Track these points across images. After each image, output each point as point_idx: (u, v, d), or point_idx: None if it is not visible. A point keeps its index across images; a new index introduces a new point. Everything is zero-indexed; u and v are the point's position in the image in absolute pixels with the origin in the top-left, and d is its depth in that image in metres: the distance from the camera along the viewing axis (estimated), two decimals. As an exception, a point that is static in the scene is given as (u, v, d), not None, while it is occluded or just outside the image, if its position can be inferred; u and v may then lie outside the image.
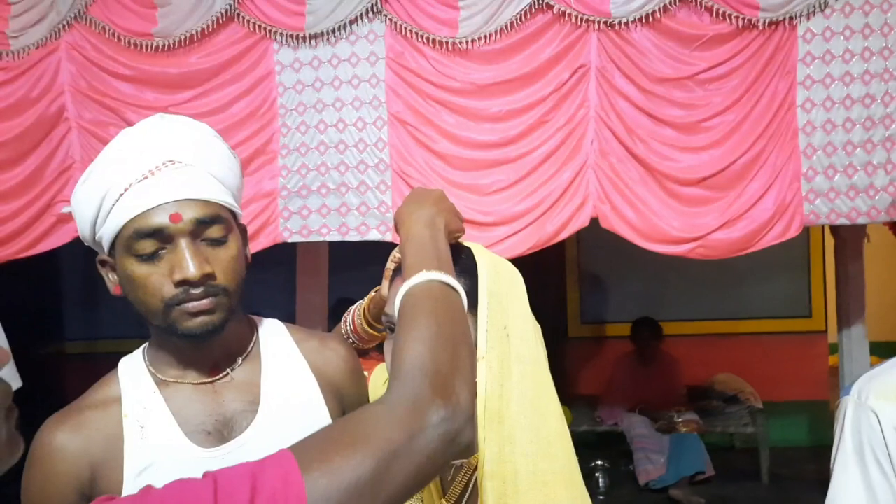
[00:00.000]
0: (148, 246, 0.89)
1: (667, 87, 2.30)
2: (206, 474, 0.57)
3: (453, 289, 0.76)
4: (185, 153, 0.93)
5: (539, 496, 0.80)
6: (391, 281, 0.93)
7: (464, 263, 0.89)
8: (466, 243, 0.94)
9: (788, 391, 4.48)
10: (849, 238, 3.05)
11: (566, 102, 2.32)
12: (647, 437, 4.09)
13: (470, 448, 0.66)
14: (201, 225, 0.91)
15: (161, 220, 0.89)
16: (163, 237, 0.89)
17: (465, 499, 0.86)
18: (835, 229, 3.15)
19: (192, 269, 0.88)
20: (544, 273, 4.69)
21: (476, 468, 0.85)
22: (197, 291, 0.90)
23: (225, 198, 0.95)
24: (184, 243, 0.90)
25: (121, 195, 0.89)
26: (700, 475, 4.03)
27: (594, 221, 2.36)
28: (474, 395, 0.67)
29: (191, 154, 0.94)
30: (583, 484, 0.87)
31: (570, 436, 0.87)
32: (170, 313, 0.90)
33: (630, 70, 2.29)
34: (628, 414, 4.24)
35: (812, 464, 4.04)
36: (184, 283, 0.89)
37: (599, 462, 4.07)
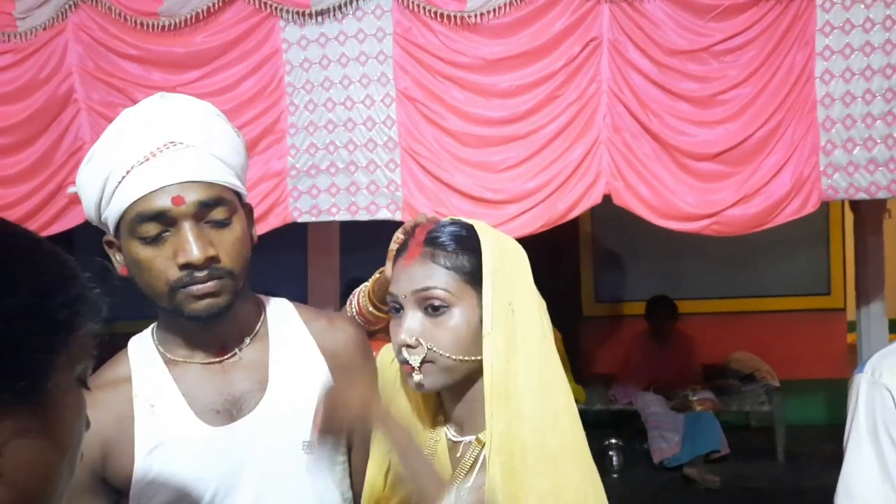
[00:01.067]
0: (151, 229, 0.89)
1: (681, 59, 2.25)
2: None
3: None
4: (186, 134, 0.92)
5: (548, 470, 0.80)
6: (394, 262, 0.92)
7: (467, 242, 0.88)
8: (470, 221, 0.94)
9: (806, 369, 4.45)
10: (868, 213, 2.99)
11: (577, 77, 2.28)
12: (662, 416, 4.09)
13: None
14: (204, 207, 0.90)
15: (163, 203, 0.88)
16: (165, 220, 0.89)
17: (473, 474, 0.87)
18: (854, 204, 3.08)
19: (195, 252, 0.88)
20: (558, 251, 4.67)
21: (484, 444, 0.84)
22: (201, 274, 0.89)
23: (228, 178, 0.94)
24: (187, 226, 0.89)
25: (123, 178, 0.89)
26: (715, 454, 4.03)
27: (607, 198, 2.32)
28: None
29: (193, 134, 0.93)
30: (591, 458, 0.88)
31: (577, 410, 0.87)
32: (175, 296, 0.90)
33: (643, 42, 2.24)
34: (643, 393, 4.24)
35: (829, 442, 4.00)
36: (187, 266, 0.89)
37: (614, 440, 4.08)
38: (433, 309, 0.86)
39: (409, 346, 0.87)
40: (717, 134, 2.27)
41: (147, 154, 0.89)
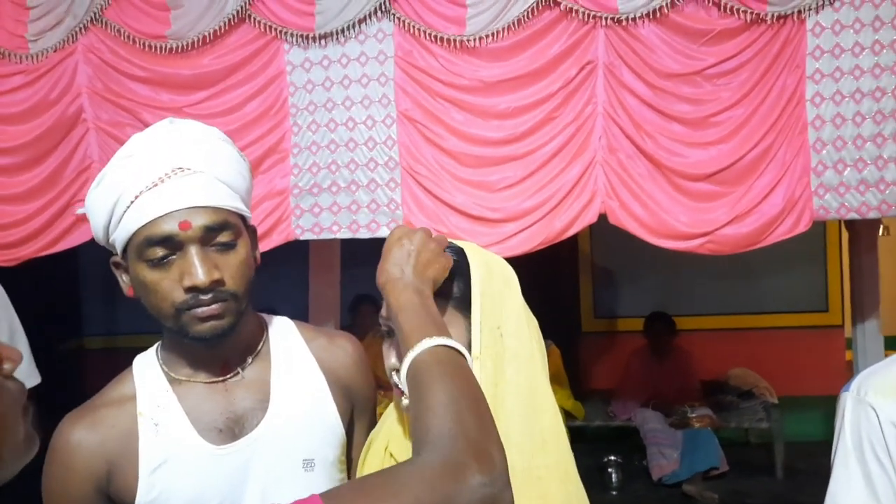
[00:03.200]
0: (158, 253, 0.91)
1: (675, 82, 2.30)
2: None
3: (458, 351, 0.76)
4: (193, 160, 0.95)
5: (533, 491, 0.81)
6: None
7: (457, 267, 0.89)
8: (459, 243, 0.95)
9: (805, 386, 4.45)
10: (863, 231, 3.03)
11: (574, 99, 2.33)
12: (661, 432, 4.09)
13: None
14: (210, 232, 0.93)
15: (171, 227, 0.91)
16: (172, 244, 0.91)
17: None
18: (849, 223, 3.12)
19: (200, 275, 0.90)
20: (557, 268, 4.70)
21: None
22: (206, 297, 0.92)
23: (233, 203, 0.96)
24: (193, 250, 0.92)
25: (132, 202, 0.91)
26: (714, 470, 4.02)
27: (605, 217, 2.37)
28: (506, 458, 0.67)
29: (199, 160, 0.95)
30: (578, 479, 0.88)
31: (565, 432, 0.88)
32: (180, 318, 0.93)
33: (638, 66, 2.30)
34: (642, 409, 4.25)
35: (828, 458, 3.97)
36: (193, 289, 0.91)
37: (612, 457, 4.08)
38: None
39: (397, 370, 0.87)
40: (711, 155, 2.32)
41: (155, 180, 0.92)
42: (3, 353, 0.57)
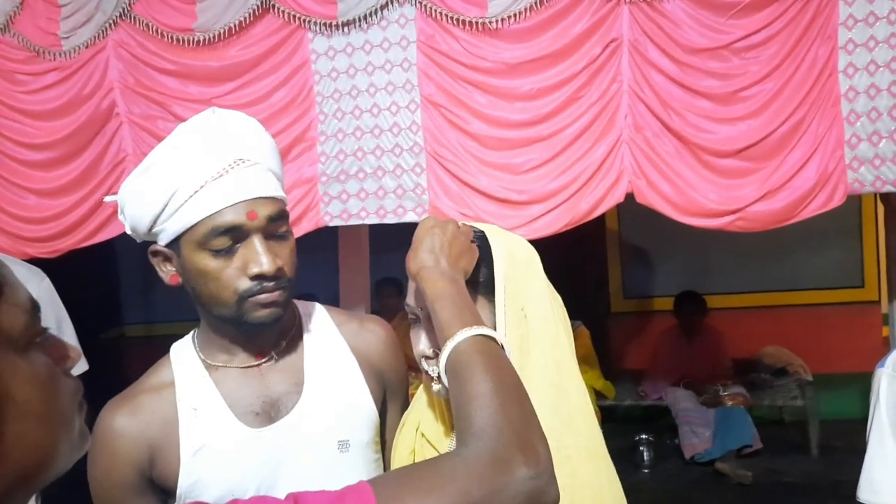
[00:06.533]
0: (223, 242, 0.94)
1: (702, 57, 2.26)
2: (288, 495, 0.60)
3: (496, 341, 0.77)
4: (250, 151, 0.97)
5: (563, 470, 0.81)
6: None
7: (479, 251, 0.89)
8: (480, 226, 0.95)
9: (841, 363, 4.38)
10: (899, 205, 2.95)
11: (598, 78, 2.31)
12: (692, 411, 4.08)
13: None
14: (272, 222, 0.96)
15: (238, 217, 0.93)
16: (238, 234, 0.94)
17: None
18: (884, 196, 3.04)
19: (267, 264, 0.94)
20: (585, 248, 4.68)
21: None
22: (270, 284, 0.95)
23: (283, 194, 1.00)
24: (257, 239, 0.95)
25: (195, 192, 0.93)
26: (747, 448, 4.00)
27: (633, 196, 2.35)
28: (549, 450, 0.68)
29: (255, 152, 0.98)
30: (607, 457, 0.89)
31: (593, 412, 0.89)
32: (242, 304, 0.95)
33: (664, 42, 2.26)
34: (672, 388, 4.23)
35: (864, 436, 3.95)
36: (259, 277, 0.94)
37: (644, 436, 4.08)
38: None
39: (427, 356, 0.90)
40: (740, 130, 2.28)
41: (220, 170, 0.94)
42: (66, 351, 0.60)
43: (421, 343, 0.91)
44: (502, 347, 0.77)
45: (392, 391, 1.14)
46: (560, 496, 0.66)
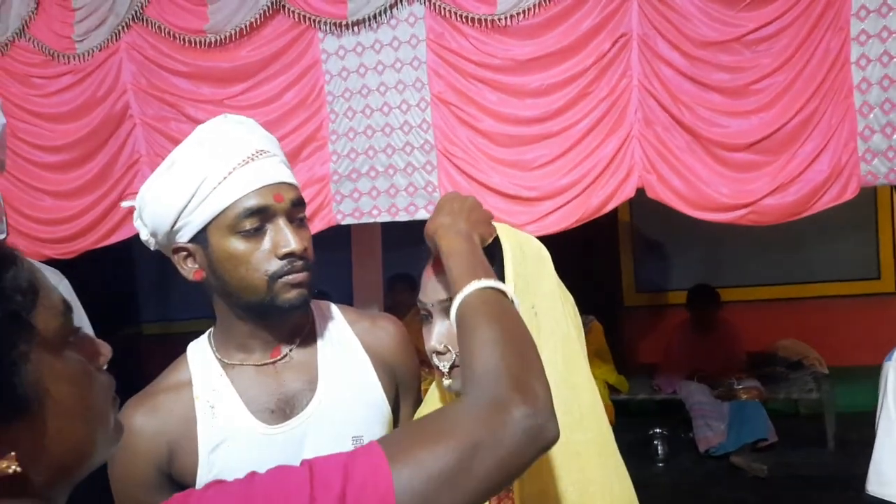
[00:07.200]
0: (253, 223, 0.98)
1: (712, 51, 2.25)
2: (303, 462, 0.63)
3: (505, 294, 0.79)
4: (267, 145, 1.04)
5: (572, 466, 0.84)
6: (423, 269, 0.96)
7: (489, 248, 0.91)
8: (493, 224, 0.95)
9: (857, 355, 4.33)
10: (915, 196, 2.93)
11: (608, 73, 2.30)
12: (707, 405, 4.07)
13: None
14: (294, 206, 1.02)
15: (266, 199, 0.98)
16: (266, 215, 0.98)
17: None
18: (900, 188, 3.02)
19: (294, 243, 0.98)
20: (598, 242, 4.67)
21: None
22: (299, 264, 0.99)
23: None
24: (282, 221, 0.99)
25: (224, 178, 0.97)
26: (762, 442, 3.99)
27: (643, 191, 2.34)
28: (549, 391, 0.70)
29: (270, 146, 1.04)
30: (617, 453, 0.90)
31: (603, 408, 0.90)
32: (273, 286, 0.99)
33: (673, 36, 2.25)
34: (686, 382, 4.22)
35: (881, 429, 3.93)
36: (289, 255, 0.98)
37: (658, 430, 4.07)
38: None
39: (438, 352, 0.91)
40: (752, 124, 2.26)
41: (245, 158, 0.99)
42: (98, 348, 0.62)
43: (433, 339, 0.92)
44: (511, 300, 0.79)
45: (404, 387, 1.16)
46: (560, 434, 0.68)
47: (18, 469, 0.52)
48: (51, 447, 0.55)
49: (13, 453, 0.52)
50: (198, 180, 0.98)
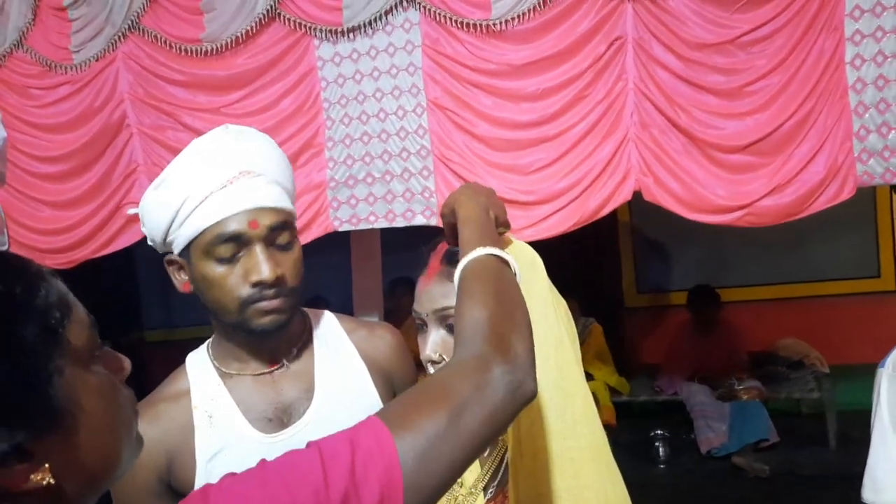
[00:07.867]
0: (227, 250, 0.97)
1: (707, 53, 2.25)
2: (309, 443, 0.65)
3: (506, 262, 0.82)
4: (255, 164, 1.02)
5: (566, 472, 0.85)
6: (417, 279, 0.98)
7: None
8: None
9: (858, 354, 4.32)
10: (913, 194, 2.93)
11: (604, 76, 2.31)
12: (708, 405, 4.07)
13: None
14: (273, 231, 1.00)
15: (240, 226, 0.97)
16: (240, 242, 0.98)
17: (499, 474, 0.93)
18: (897, 186, 3.02)
19: (266, 272, 0.97)
20: (598, 244, 4.68)
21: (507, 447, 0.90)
22: (270, 292, 0.98)
23: (289, 205, 1.03)
24: (258, 248, 0.98)
25: (201, 202, 0.97)
26: (764, 442, 3.99)
27: (640, 194, 2.35)
28: (532, 349, 0.73)
29: (260, 164, 1.02)
30: (611, 458, 0.91)
31: (597, 413, 0.91)
32: (244, 311, 0.98)
33: (668, 38, 2.26)
34: (687, 383, 4.22)
35: (883, 427, 3.92)
36: (259, 284, 0.97)
37: (660, 431, 4.07)
38: (453, 328, 0.90)
39: (433, 361, 0.92)
40: (747, 125, 2.27)
41: (224, 181, 0.98)
42: (121, 363, 0.64)
43: (427, 348, 0.93)
44: (512, 268, 0.82)
45: None
46: (537, 393, 0.71)
47: (52, 481, 0.54)
48: (82, 459, 0.57)
49: (47, 465, 0.54)
50: (180, 200, 0.98)
